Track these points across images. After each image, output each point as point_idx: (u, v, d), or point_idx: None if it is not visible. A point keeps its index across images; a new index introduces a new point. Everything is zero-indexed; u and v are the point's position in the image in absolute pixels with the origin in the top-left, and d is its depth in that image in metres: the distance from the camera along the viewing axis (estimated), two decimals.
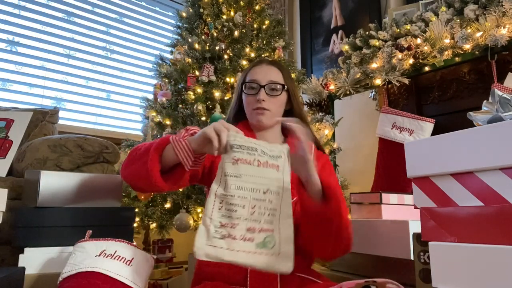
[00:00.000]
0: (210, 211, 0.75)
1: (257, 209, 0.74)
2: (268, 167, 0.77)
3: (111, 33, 2.87)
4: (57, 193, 1.16)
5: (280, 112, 1.06)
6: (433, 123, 1.86)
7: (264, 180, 0.76)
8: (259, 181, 0.76)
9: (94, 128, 2.64)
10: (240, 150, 0.77)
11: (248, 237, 0.72)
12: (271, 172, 0.77)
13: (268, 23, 2.46)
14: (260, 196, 0.75)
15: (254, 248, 0.72)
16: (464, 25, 1.69)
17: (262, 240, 0.73)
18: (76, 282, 0.84)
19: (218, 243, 0.72)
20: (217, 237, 0.72)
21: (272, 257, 0.72)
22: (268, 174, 0.77)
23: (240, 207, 0.74)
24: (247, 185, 0.75)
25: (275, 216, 0.75)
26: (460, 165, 0.59)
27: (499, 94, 0.70)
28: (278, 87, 1.03)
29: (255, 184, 0.76)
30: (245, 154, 0.77)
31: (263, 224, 0.74)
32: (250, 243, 0.72)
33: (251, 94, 1.03)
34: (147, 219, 1.89)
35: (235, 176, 0.75)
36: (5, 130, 1.78)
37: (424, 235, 0.63)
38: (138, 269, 0.91)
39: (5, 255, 1.36)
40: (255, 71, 1.05)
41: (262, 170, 0.77)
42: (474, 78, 1.85)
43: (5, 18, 2.41)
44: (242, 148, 0.77)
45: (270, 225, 0.74)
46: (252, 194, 0.75)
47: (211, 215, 0.74)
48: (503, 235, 0.52)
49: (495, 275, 0.52)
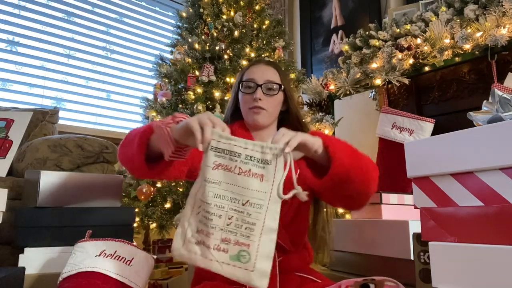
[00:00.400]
0: (188, 214, 0.72)
1: (234, 221, 0.69)
2: (250, 176, 0.71)
3: (111, 33, 2.87)
4: (57, 193, 1.16)
5: (276, 112, 1.06)
6: (433, 123, 1.86)
7: (244, 190, 0.70)
8: (239, 191, 0.70)
9: (94, 128, 2.64)
10: (222, 155, 0.71)
11: (222, 248, 0.69)
12: (253, 182, 0.71)
13: (268, 23, 2.46)
14: (239, 207, 0.70)
15: (228, 259, 0.69)
16: (464, 25, 1.69)
17: (236, 253, 0.69)
18: (76, 282, 0.84)
19: (193, 248, 0.70)
20: (193, 241, 0.70)
21: (245, 272, 0.68)
22: (249, 184, 0.71)
23: (216, 217, 0.69)
24: (226, 193, 0.70)
25: (254, 231, 0.69)
26: (460, 165, 0.59)
27: (499, 94, 0.70)
28: (275, 86, 1.03)
29: (234, 194, 0.70)
30: (226, 160, 0.71)
31: (239, 237, 0.69)
32: (224, 254, 0.69)
33: (247, 93, 1.03)
34: (147, 219, 1.89)
35: (214, 182, 0.70)
36: (5, 130, 1.78)
37: (424, 235, 0.63)
38: (138, 269, 0.91)
39: (5, 255, 1.36)
40: (252, 71, 1.05)
41: (243, 180, 0.71)
42: (474, 78, 1.85)
43: (5, 18, 2.41)
44: (224, 153, 0.71)
45: (247, 239, 0.69)
46: (230, 204, 0.70)
47: (189, 218, 0.72)
48: (503, 235, 0.52)
49: (495, 275, 0.52)
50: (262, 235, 0.69)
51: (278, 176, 0.72)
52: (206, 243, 0.69)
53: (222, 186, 0.70)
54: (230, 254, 0.69)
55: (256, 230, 0.69)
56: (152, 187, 1.91)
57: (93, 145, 1.70)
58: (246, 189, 0.70)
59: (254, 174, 0.71)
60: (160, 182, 1.99)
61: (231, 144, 0.72)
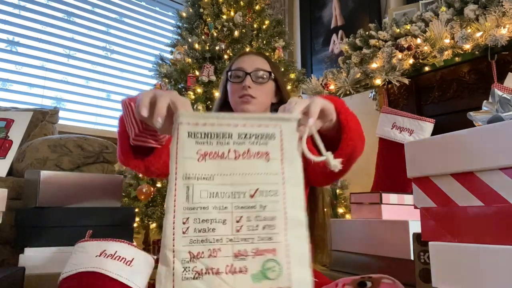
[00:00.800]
0: (170, 239, 0.50)
1: (246, 222, 0.52)
2: (251, 157, 0.54)
3: (111, 33, 2.87)
4: (57, 193, 1.16)
5: (267, 102, 1.02)
6: (433, 123, 1.86)
7: (249, 178, 0.54)
8: (241, 180, 0.54)
9: (94, 128, 2.64)
10: (207, 140, 0.54)
11: (239, 268, 0.50)
12: (257, 164, 0.55)
13: (268, 23, 2.46)
14: (247, 202, 0.53)
15: (251, 282, 0.50)
16: (464, 25, 1.69)
17: (261, 268, 0.50)
18: (76, 282, 0.84)
19: (193, 286, 0.49)
20: (189, 277, 0.49)
21: None
22: (253, 168, 0.54)
23: (220, 223, 0.51)
24: (224, 189, 0.53)
25: (275, 228, 0.52)
26: (460, 165, 0.59)
27: (499, 94, 0.70)
28: (265, 75, 1.00)
29: (236, 186, 0.53)
30: (214, 145, 0.54)
31: (259, 244, 0.51)
32: (243, 275, 0.49)
33: (236, 82, 0.99)
34: (147, 219, 1.89)
35: (205, 178, 0.53)
36: (5, 130, 1.78)
37: (424, 235, 0.63)
38: (139, 269, 0.91)
39: (5, 255, 1.36)
40: (241, 60, 1.02)
41: (243, 165, 0.54)
42: (474, 78, 1.85)
43: (5, 18, 2.41)
44: (209, 137, 0.54)
45: (269, 243, 0.51)
46: (234, 201, 0.53)
47: (173, 244, 0.50)
48: (503, 235, 0.52)
49: (495, 275, 0.52)
50: (288, 231, 0.53)
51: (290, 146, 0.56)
52: (214, 268, 0.50)
53: (217, 181, 0.53)
54: (252, 274, 0.50)
55: (278, 226, 0.52)
56: (152, 187, 1.91)
57: (93, 145, 1.70)
58: (250, 175, 0.54)
59: (256, 154, 0.55)
60: (160, 182, 1.99)
61: (214, 124, 0.54)
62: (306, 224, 0.54)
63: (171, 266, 0.49)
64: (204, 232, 0.51)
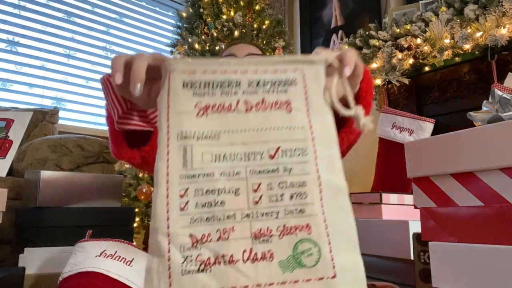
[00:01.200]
0: (163, 220, 0.36)
1: (266, 191, 0.38)
2: (268, 108, 0.42)
3: (111, 33, 2.87)
4: (57, 193, 1.16)
5: None
6: (433, 123, 1.86)
7: (266, 134, 0.41)
8: (255, 137, 0.40)
9: (94, 128, 2.64)
10: (208, 91, 0.41)
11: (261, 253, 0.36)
12: (275, 116, 0.41)
13: (268, 23, 2.46)
14: (266, 165, 0.39)
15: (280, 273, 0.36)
16: (464, 25, 1.69)
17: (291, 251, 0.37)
18: (76, 282, 0.84)
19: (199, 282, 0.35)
20: (192, 269, 0.35)
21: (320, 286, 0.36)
22: (271, 121, 0.41)
23: (231, 194, 0.38)
24: (234, 149, 0.40)
25: (307, 197, 0.39)
26: (460, 165, 0.59)
27: (499, 94, 0.70)
28: None
29: (249, 146, 0.40)
30: (218, 96, 0.41)
31: (286, 219, 0.38)
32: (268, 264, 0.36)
33: None
34: (147, 219, 1.89)
35: (207, 137, 0.40)
36: (5, 130, 1.78)
37: (424, 235, 0.63)
38: (139, 269, 0.91)
39: (5, 255, 1.36)
40: (231, 48, 0.99)
41: (257, 118, 0.41)
42: (474, 78, 1.85)
43: (5, 18, 2.41)
44: (211, 87, 0.41)
45: (301, 216, 0.38)
46: (248, 165, 0.39)
47: (168, 226, 0.36)
48: (503, 235, 0.52)
49: (495, 275, 0.52)
50: (325, 201, 0.39)
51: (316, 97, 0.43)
52: (226, 256, 0.36)
53: (224, 139, 0.40)
54: (280, 260, 0.36)
55: (311, 194, 0.39)
56: (152, 187, 1.91)
57: (93, 145, 1.70)
58: (268, 130, 0.41)
59: (273, 104, 0.42)
60: None
61: (216, 72, 0.42)
62: (347, 192, 0.41)
63: (166, 256, 0.35)
64: (209, 207, 0.37)
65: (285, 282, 0.36)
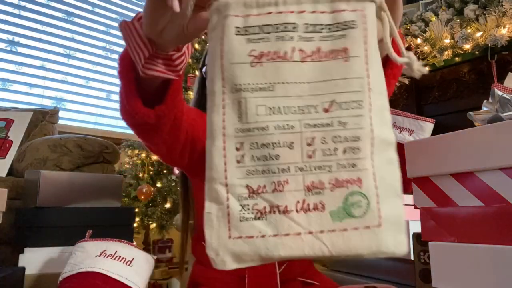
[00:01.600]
0: (221, 171, 0.38)
1: (320, 145, 0.38)
2: (324, 58, 0.39)
3: (111, 33, 2.87)
4: (57, 193, 1.16)
5: None
6: (433, 123, 1.86)
7: (322, 85, 0.39)
8: (311, 89, 0.39)
9: (94, 128, 2.65)
10: (262, 37, 0.39)
11: (313, 204, 0.38)
12: (332, 66, 0.39)
13: None
14: (320, 119, 0.39)
15: (330, 221, 0.38)
16: (464, 25, 1.69)
17: (342, 204, 0.38)
18: (76, 282, 0.84)
19: (255, 228, 0.37)
20: (249, 217, 0.38)
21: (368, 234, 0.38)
22: (328, 72, 0.39)
23: (285, 148, 0.38)
24: (288, 102, 0.39)
25: (360, 151, 0.39)
26: (460, 165, 0.59)
27: (499, 94, 0.70)
28: None
29: (304, 98, 0.39)
30: (273, 42, 0.39)
31: (339, 172, 0.38)
32: (319, 214, 0.38)
33: None
34: (147, 219, 1.89)
35: (261, 89, 0.39)
36: (5, 130, 1.78)
37: (424, 235, 0.63)
38: (139, 269, 0.91)
39: (5, 255, 1.36)
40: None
41: (312, 68, 0.39)
42: (474, 78, 1.85)
43: (5, 18, 2.41)
44: (265, 31, 0.39)
45: (353, 170, 0.38)
46: (303, 118, 0.39)
47: (226, 177, 0.38)
48: (503, 235, 0.52)
49: (495, 275, 0.52)
50: (375, 156, 0.40)
51: (374, 42, 0.40)
52: (280, 206, 0.38)
53: (279, 91, 0.39)
54: (331, 210, 0.38)
55: (363, 149, 0.39)
56: (152, 187, 1.91)
57: (93, 145, 1.70)
58: (322, 82, 0.39)
59: (329, 54, 0.39)
60: (160, 182, 1.99)
61: (271, 13, 0.39)
62: (394, 144, 0.41)
63: (225, 203, 0.37)
64: (265, 160, 0.38)
65: (334, 230, 0.37)
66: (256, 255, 0.37)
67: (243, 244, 0.37)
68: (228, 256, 0.37)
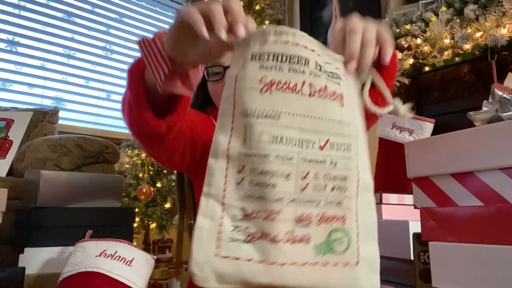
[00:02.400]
0: (220, 189, 0.39)
1: (312, 180, 0.40)
2: (328, 97, 0.41)
3: (111, 33, 2.86)
4: (57, 193, 1.16)
5: None
6: (433, 123, 1.86)
7: (321, 124, 0.41)
8: (312, 125, 0.40)
9: (94, 128, 2.64)
10: (276, 65, 0.40)
11: (300, 236, 0.39)
12: (332, 107, 0.41)
13: (268, 23, 2.46)
14: (316, 155, 0.40)
15: (312, 255, 0.39)
16: (464, 25, 1.69)
17: (325, 238, 0.40)
18: (76, 282, 0.84)
19: (243, 250, 0.38)
20: (240, 239, 0.38)
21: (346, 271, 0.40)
22: (328, 112, 0.41)
23: (282, 178, 0.39)
24: (291, 133, 0.39)
25: (346, 191, 0.41)
26: (460, 165, 0.59)
27: (499, 94, 0.70)
28: None
29: (305, 132, 0.40)
30: (285, 72, 0.40)
31: (326, 208, 0.40)
32: (304, 246, 0.39)
33: (216, 80, 0.85)
34: (147, 219, 1.89)
35: (268, 116, 0.39)
36: (5, 130, 1.78)
37: (424, 235, 0.63)
38: (139, 269, 0.91)
39: (5, 255, 1.36)
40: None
41: (318, 105, 0.41)
42: (474, 78, 1.85)
43: (5, 18, 2.41)
44: (279, 60, 0.40)
45: (338, 208, 0.41)
46: (301, 152, 0.40)
47: (224, 196, 0.39)
48: (503, 235, 0.52)
49: (495, 275, 0.52)
50: (359, 197, 0.43)
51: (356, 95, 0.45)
52: (270, 234, 0.38)
53: (284, 121, 0.39)
54: (314, 244, 0.39)
55: (350, 189, 0.41)
56: (152, 187, 1.91)
57: (93, 145, 1.70)
58: (323, 120, 0.41)
59: (332, 95, 0.41)
60: (160, 182, 1.98)
61: (288, 43, 0.40)
62: (372, 188, 0.44)
63: (218, 221, 0.38)
64: (262, 187, 0.38)
65: (316, 263, 0.39)
66: (239, 277, 0.38)
67: (228, 265, 0.37)
68: (212, 274, 0.37)
